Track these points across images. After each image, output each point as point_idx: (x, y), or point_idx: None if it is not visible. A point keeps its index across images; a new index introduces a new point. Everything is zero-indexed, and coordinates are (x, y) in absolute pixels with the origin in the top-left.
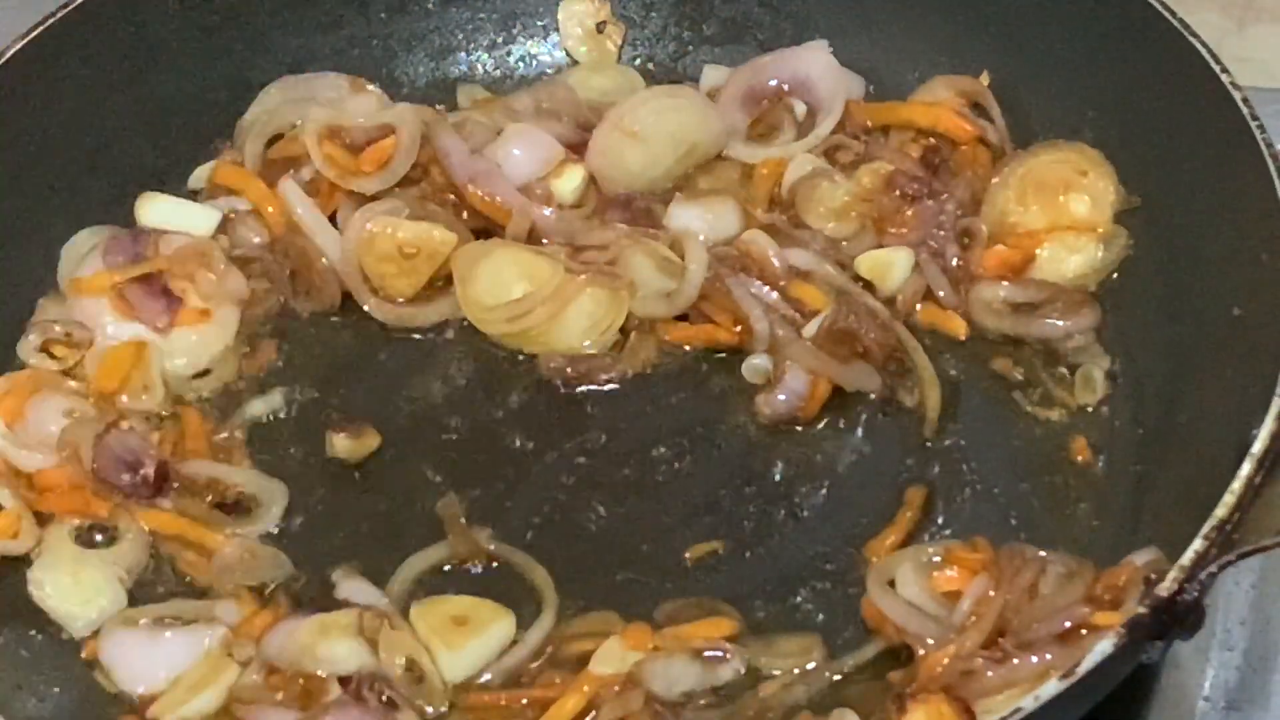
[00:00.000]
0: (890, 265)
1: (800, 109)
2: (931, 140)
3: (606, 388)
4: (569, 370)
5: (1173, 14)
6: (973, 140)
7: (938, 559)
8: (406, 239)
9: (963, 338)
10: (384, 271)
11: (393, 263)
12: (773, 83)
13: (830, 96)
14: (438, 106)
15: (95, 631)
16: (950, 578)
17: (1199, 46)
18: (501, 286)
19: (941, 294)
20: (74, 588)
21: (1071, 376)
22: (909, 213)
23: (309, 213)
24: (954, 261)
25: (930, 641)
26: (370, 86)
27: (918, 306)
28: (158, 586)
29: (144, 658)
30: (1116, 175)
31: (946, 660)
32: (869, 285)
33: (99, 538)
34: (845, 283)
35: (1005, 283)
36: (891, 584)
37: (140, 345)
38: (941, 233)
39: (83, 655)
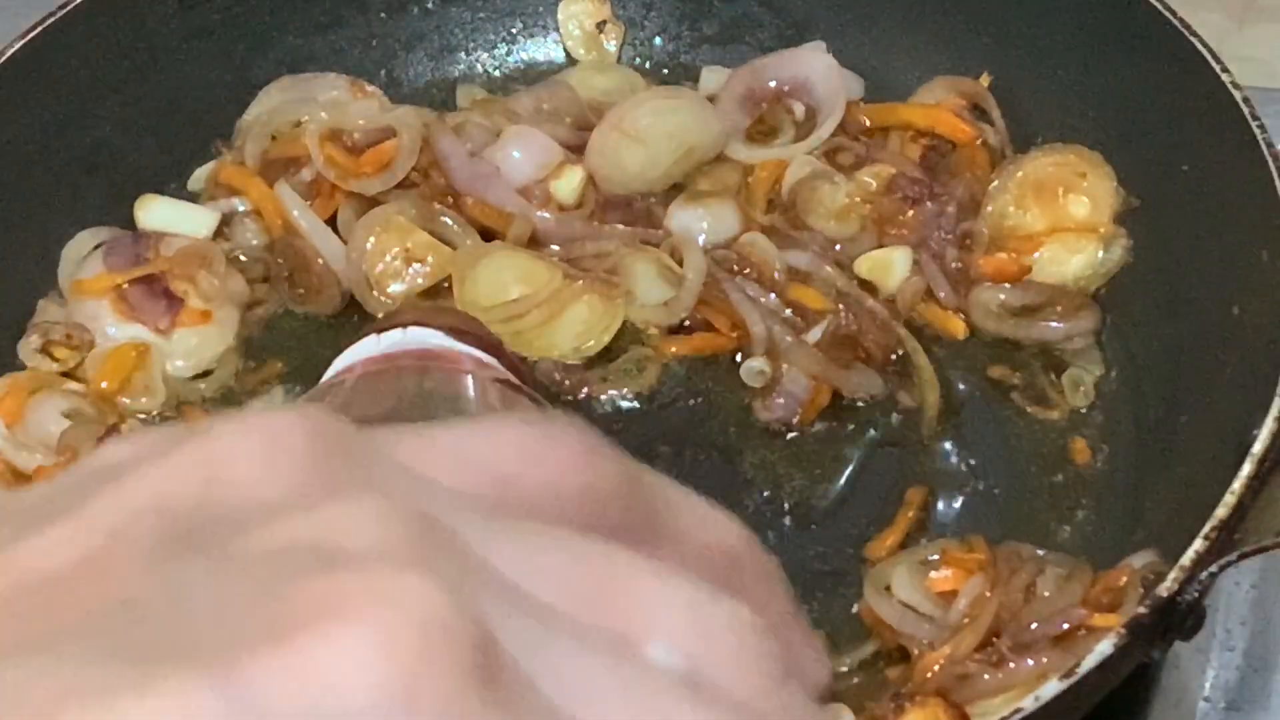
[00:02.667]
0: (890, 265)
1: (800, 110)
2: (930, 141)
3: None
4: (562, 379)
5: (1173, 14)
6: (971, 142)
7: (934, 558)
8: (415, 247)
9: (960, 338)
10: (385, 273)
11: (393, 267)
12: (772, 84)
13: (830, 98)
14: (438, 107)
15: None
16: (946, 578)
17: (1199, 46)
18: (499, 288)
19: (942, 295)
20: None
21: (1058, 379)
22: (909, 214)
23: (305, 215)
24: (954, 264)
25: (926, 643)
26: (370, 88)
27: (921, 304)
28: None
29: None
30: (1116, 176)
31: (942, 661)
32: (869, 286)
33: None
34: (845, 284)
35: (1005, 285)
36: (888, 585)
37: (143, 347)
38: (942, 234)
39: None
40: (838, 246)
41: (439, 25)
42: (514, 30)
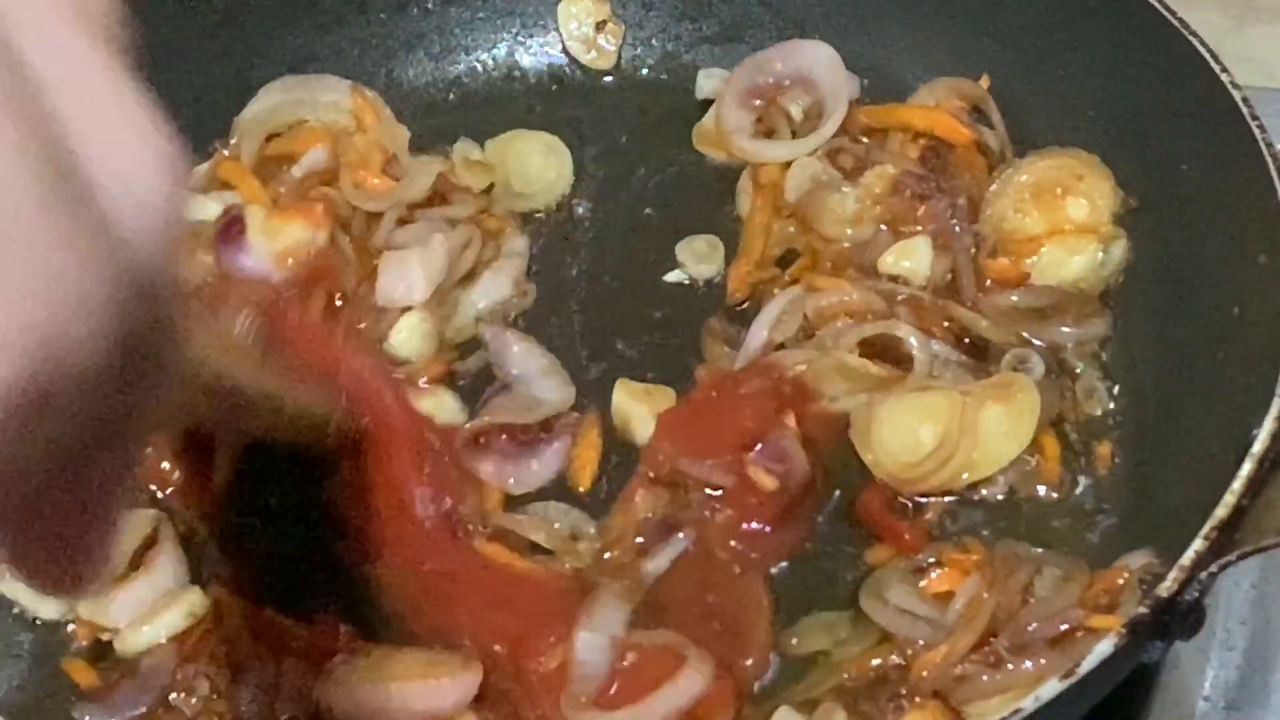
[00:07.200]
0: (914, 252)
1: (797, 112)
2: (929, 141)
3: None
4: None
5: (1173, 14)
6: (970, 144)
7: (930, 560)
8: None
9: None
10: None
11: None
12: (773, 78)
13: (834, 91)
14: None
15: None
16: (942, 577)
17: (1199, 46)
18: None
19: (964, 282)
20: None
21: (1074, 385)
22: (921, 211)
23: None
24: (970, 251)
25: (922, 645)
26: (369, 92)
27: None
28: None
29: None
30: (1114, 177)
31: (938, 660)
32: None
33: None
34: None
35: (1017, 288)
36: (884, 592)
37: None
38: (957, 223)
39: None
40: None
41: (439, 25)
42: (514, 30)
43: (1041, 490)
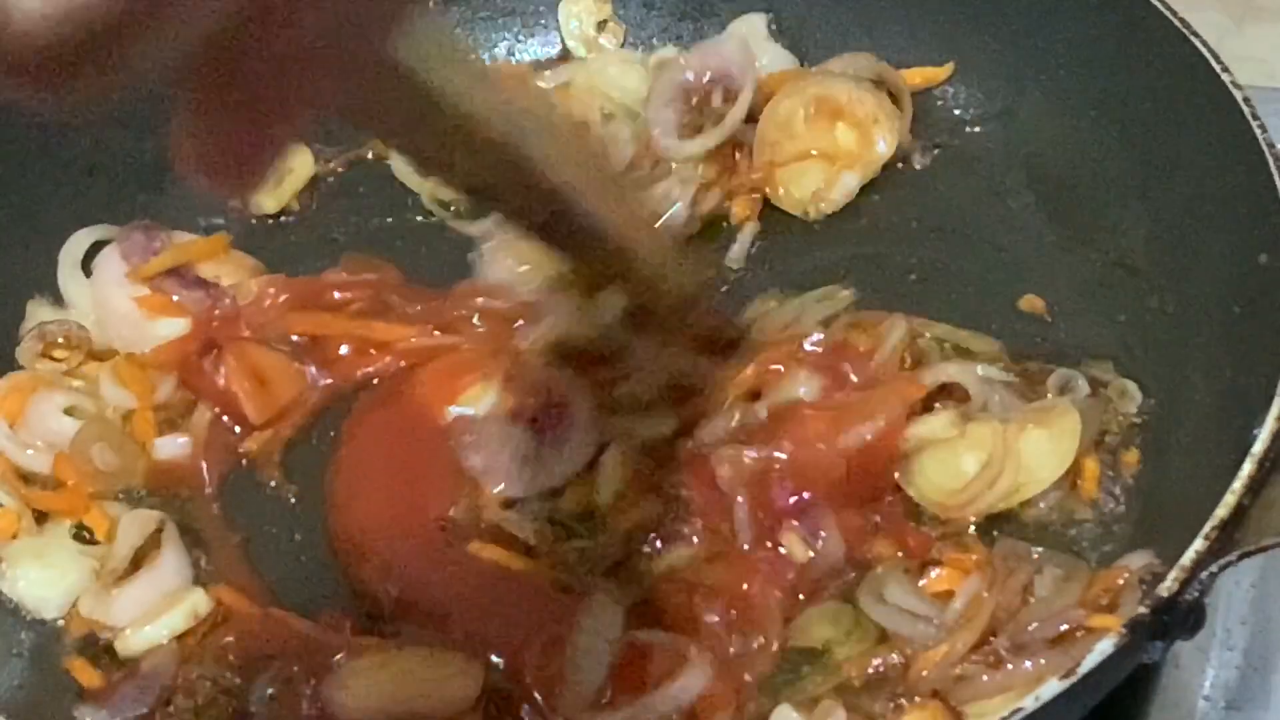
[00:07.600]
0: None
1: (718, 98)
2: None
3: None
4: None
5: (1173, 13)
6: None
7: (931, 559)
8: None
9: None
10: None
11: None
12: (689, 76)
13: (741, 73)
14: None
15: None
16: (941, 577)
17: (1199, 46)
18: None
19: None
20: (42, 571)
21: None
22: None
23: None
24: None
25: (923, 644)
26: None
27: None
28: None
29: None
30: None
31: (938, 660)
32: None
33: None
34: None
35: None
36: (883, 591)
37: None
38: None
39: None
40: None
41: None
42: (514, 30)
43: (1082, 513)
